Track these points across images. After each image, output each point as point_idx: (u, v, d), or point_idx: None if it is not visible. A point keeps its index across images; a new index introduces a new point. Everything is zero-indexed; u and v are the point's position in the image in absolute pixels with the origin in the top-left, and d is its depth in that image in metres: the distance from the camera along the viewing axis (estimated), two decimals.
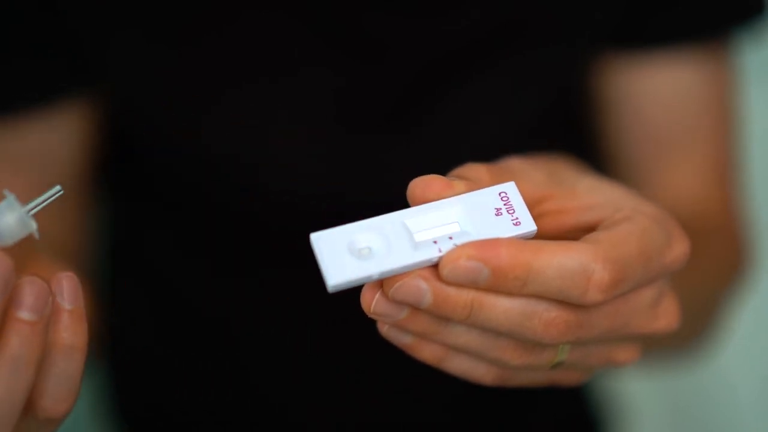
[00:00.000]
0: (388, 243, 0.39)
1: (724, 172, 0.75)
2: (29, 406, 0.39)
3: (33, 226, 0.40)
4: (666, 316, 0.44)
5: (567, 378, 0.46)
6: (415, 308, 0.39)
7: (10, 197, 0.39)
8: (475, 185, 0.42)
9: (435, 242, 0.39)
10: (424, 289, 0.38)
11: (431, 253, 0.39)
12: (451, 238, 0.39)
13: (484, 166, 0.43)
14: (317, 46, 0.67)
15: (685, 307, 0.50)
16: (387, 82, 0.68)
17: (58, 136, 0.69)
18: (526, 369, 0.43)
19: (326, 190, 0.70)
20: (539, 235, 0.41)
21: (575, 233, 0.42)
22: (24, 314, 0.37)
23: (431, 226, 0.40)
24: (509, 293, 0.39)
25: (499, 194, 0.41)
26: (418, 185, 0.41)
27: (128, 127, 0.71)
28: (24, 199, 0.41)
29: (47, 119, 0.68)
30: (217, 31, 0.67)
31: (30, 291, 0.38)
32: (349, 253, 0.39)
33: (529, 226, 0.40)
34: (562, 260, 0.38)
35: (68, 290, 0.39)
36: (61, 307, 0.39)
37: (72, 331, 0.39)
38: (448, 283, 0.38)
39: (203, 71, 0.68)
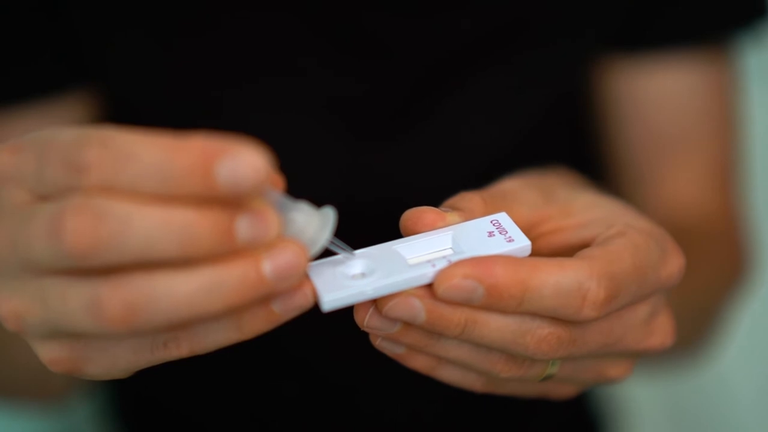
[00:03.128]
0: (382, 266, 0.39)
1: (726, 175, 0.75)
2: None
3: (313, 253, 0.38)
4: (660, 333, 0.44)
5: (558, 391, 0.46)
6: (408, 323, 0.39)
7: (332, 220, 0.38)
8: (468, 215, 0.42)
9: (428, 261, 0.39)
10: (418, 307, 0.38)
11: (425, 270, 0.39)
12: (444, 257, 0.39)
13: (478, 194, 0.43)
14: (318, 46, 0.67)
15: (685, 312, 0.50)
16: (388, 82, 0.68)
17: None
18: (515, 380, 0.43)
19: (327, 190, 0.70)
20: (536, 255, 0.41)
21: (570, 251, 0.42)
22: (267, 266, 0.34)
23: (424, 252, 0.40)
24: (504, 311, 0.39)
25: (491, 222, 0.41)
26: (410, 217, 0.41)
27: (128, 124, 0.71)
28: None
29: (44, 113, 0.68)
30: (217, 32, 0.67)
31: (286, 255, 0.35)
32: (342, 276, 0.39)
33: (522, 241, 0.40)
34: (558, 278, 0.38)
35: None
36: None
37: (251, 319, 0.37)
38: (443, 302, 0.38)
39: (203, 72, 0.68)
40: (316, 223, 0.38)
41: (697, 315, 0.72)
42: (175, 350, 0.37)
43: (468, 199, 0.43)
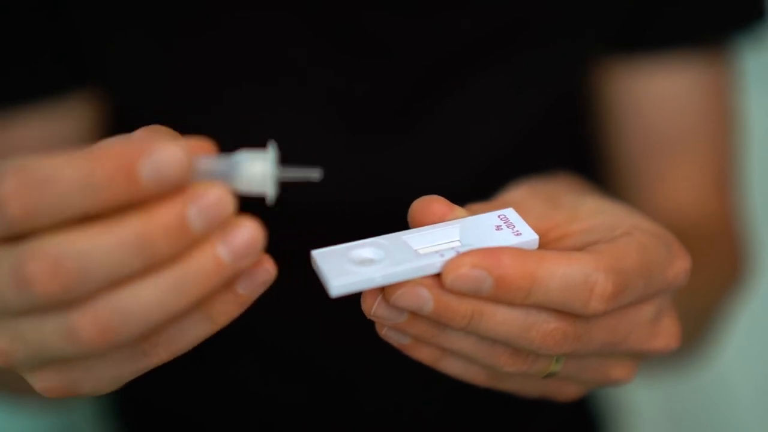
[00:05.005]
0: (390, 254, 0.39)
1: (724, 176, 0.75)
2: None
3: (270, 190, 0.38)
4: (665, 336, 0.44)
5: (561, 391, 0.46)
6: (415, 313, 0.39)
7: (271, 153, 0.38)
8: (475, 213, 0.42)
9: (437, 252, 0.39)
10: (426, 297, 0.38)
11: (434, 260, 0.39)
12: (453, 248, 0.40)
13: (484, 205, 0.44)
14: (318, 46, 0.67)
15: (685, 312, 0.50)
16: (388, 82, 0.68)
17: (55, 129, 0.70)
18: (518, 375, 0.43)
19: (327, 189, 0.70)
20: None
21: None
22: (223, 251, 0.35)
23: (432, 243, 0.40)
24: (511, 303, 0.39)
25: (498, 216, 0.42)
26: (418, 206, 0.41)
27: (128, 124, 0.71)
28: None
29: (45, 115, 0.69)
30: (217, 32, 0.67)
31: (244, 233, 0.36)
32: (350, 262, 0.39)
33: (529, 235, 0.40)
34: (566, 270, 0.38)
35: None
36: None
37: (223, 307, 0.38)
38: (451, 292, 0.38)
39: (203, 72, 0.68)
40: (259, 166, 0.37)
41: (697, 315, 0.72)
42: (155, 357, 0.38)
43: (474, 207, 0.43)
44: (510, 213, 0.42)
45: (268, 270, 0.37)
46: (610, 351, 0.43)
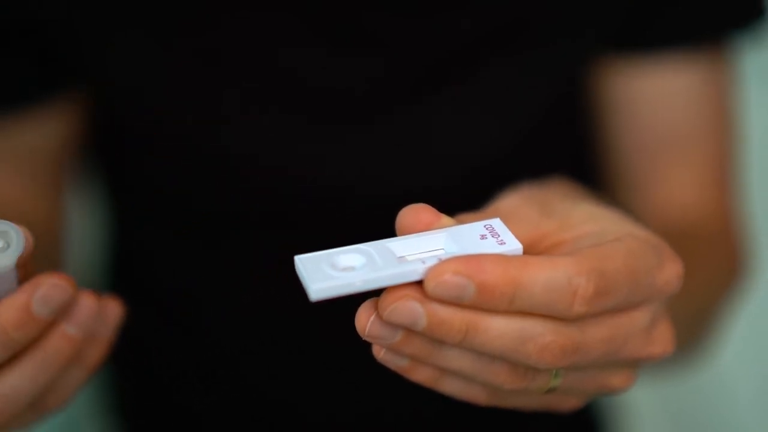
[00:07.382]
0: (373, 260, 0.39)
1: (724, 176, 0.75)
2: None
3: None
4: (661, 342, 0.43)
5: (562, 403, 0.46)
6: (410, 331, 0.39)
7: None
8: (462, 222, 0.42)
9: (420, 259, 0.39)
10: (419, 311, 0.38)
11: (416, 266, 0.39)
12: (436, 256, 0.39)
13: (474, 213, 0.44)
14: (318, 45, 0.67)
15: (683, 313, 0.50)
16: (388, 81, 0.68)
17: (37, 132, 0.70)
18: (519, 393, 0.43)
19: (327, 187, 0.70)
20: None
21: None
22: (70, 329, 0.42)
23: (416, 251, 0.40)
24: (495, 310, 0.38)
25: (484, 226, 0.41)
26: (406, 215, 0.41)
27: (128, 124, 0.71)
28: None
29: (26, 117, 0.69)
30: (217, 32, 0.67)
31: (83, 307, 0.43)
32: (332, 268, 0.39)
33: (513, 244, 0.40)
34: (549, 274, 0.38)
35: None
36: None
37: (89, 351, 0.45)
38: (435, 299, 0.38)
39: (203, 72, 0.68)
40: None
41: (696, 316, 0.72)
42: (45, 409, 0.45)
43: (464, 217, 0.43)
44: (496, 223, 0.42)
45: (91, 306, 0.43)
46: (608, 361, 0.42)
